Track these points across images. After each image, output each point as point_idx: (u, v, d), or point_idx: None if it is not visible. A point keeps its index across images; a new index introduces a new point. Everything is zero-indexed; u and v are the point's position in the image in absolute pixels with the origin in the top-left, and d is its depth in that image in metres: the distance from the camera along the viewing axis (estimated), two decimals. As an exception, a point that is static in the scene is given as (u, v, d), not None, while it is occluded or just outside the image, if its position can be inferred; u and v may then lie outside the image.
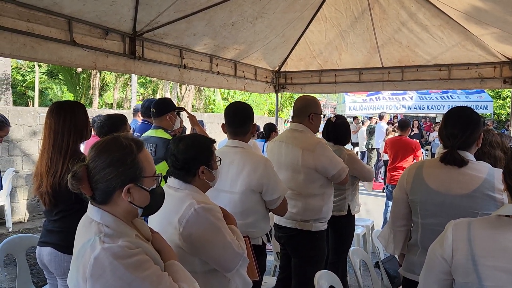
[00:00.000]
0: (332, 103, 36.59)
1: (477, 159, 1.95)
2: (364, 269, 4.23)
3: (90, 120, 2.39)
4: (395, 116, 14.99)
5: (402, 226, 2.15)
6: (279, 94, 6.98)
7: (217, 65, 5.03)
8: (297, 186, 2.76)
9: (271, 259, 4.27)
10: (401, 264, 2.20)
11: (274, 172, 2.41)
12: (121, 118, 2.92)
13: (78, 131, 2.23)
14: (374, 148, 11.40)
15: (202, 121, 6.45)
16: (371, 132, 11.61)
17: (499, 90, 13.52)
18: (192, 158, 1.82)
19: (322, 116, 2.98)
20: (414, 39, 5.11)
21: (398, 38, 5.19)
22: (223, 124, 2.55)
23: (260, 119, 15.93)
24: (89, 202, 1.38)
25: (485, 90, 13.28)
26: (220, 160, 1.97)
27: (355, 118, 15.83)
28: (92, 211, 1.35)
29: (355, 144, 14.04)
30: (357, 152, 13.47)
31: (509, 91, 5.53)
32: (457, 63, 5.37)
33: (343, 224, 3.53)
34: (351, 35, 5.37)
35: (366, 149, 12.23)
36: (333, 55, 5.85)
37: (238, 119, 2.51)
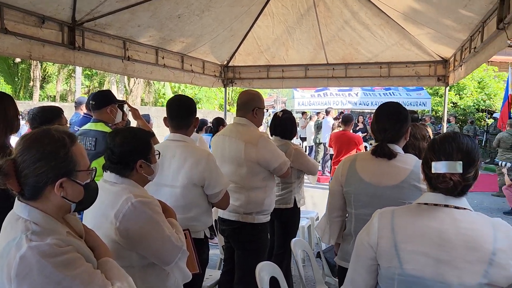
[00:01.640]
0: (283, 99, 37.09)
1: (403, 151, 2.08)
2: (308, 259, 4.36)
3: (21, 112, 2.28)
4: (341, 111, 15.47)
5: (337, 217, 2.25)
6: (228, 89, 6.99)
7: (163, 58, 4.94)
8: (240, 179, 2.80)
9: (218, 253, 4.29)
10: (337, 253, 2.30)
11: (216, 166, 2.42)
12: (55, 110, 2.80)
13: (8, 123, 2.13)
14: (321, 143, 11.71)
15: (148, 115, 6.32)
16: (318, 127, 11.91)
17: (437, 88, 14.35)
18: (129, 151, 1.79)
19: (265, 110, 3.03)
20: (356, 37, 5.30)
21: (342, 36, 5.36)
22: (165, 117, 2.52)
23: (211, 114, 15.85)
24: (16, 198, 1.32)
25: (424, 88, 14.04)
26: (159, 153, 1.95)
27: (303, 113, 16.15)
28: (19, 208, 1.29)
29: (304, 139, 14.35)
30: (305, 147, 13.80)
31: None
32: (396, 61, 5.65)
33: (289, 216, 3.62)
34: (297, 32, 5.47)
35: (314, 144, 12.54)
36: (280, 50, 5.95)
37: (181, 112, 2.49)
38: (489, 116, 17.49)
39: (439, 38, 4.62)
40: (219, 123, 5.70)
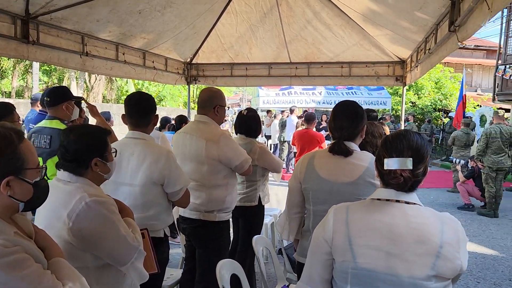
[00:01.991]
0: (248, 97, 37.20)
1: (361, 148, 2.13)
2: (270, 256, 4.41)
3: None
4: (305, 110, 15.69)
5: (296, 214, 2.28)
6: (192, 86, 6.93)
7: (124, 54, 4.83)
8: (201, 177, 2.78)
9: (180, 252, 4.25)
10: (296, 249, 2.34)
11: (176, 163, 2.40)
12: (7, 106, 2.68)
13: None
14: (285, 141, 11.82)
15: (108, 112, 6.17)
16: (282, 125, 12.02)
17: (397, 87, 14.80)
18: (84, 149, 1.74)
19: (227, 108, 3.03)
20: (318, 37, 5.38)
21: (304, 35, 5.42)
22: (123, 115, 2.47)
23: (175, 111, 15.67)
24: None
25: (384, 87, 14.45)
26: (116, 151, 1.91)
27: (268, 111, 16.26)
28: None
29: (269, 137, 14.45)
30: (270, 145, 13.89)
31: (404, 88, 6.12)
32: (357, 61, 5.78)
33: (253, 214, 3.64)
34: (260, 30, 5.49)
35: (278, 142, 12.65)
36: (244, 49, 5.95)
37: (140, 109, 2.45)
38: (445, 115, 18.24)
39: (396, 39, 4.77)
40: (181, 121, 5.63)
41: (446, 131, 15.24)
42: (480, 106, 17.96)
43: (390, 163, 1.43)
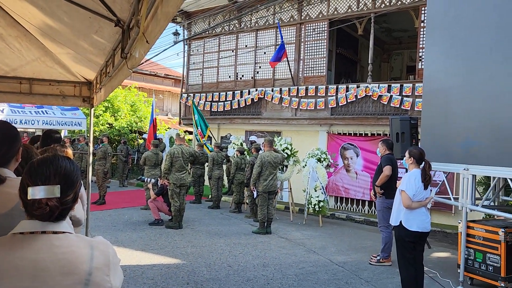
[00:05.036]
0: None
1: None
2: None
3: None
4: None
5: None
6: None
7: None
8: None
9: None
10: None
11: None
12: None
13: None
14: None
15: None
16: None
17: (94, 108, 14.59)
18: None
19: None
20: (-11, 46, 4.63)
21: (-31, 42, 4.56)
22: None
23: None
24: None
25: (79, 108, 13.96)
26: None
27: None
28: None
29: None
30: None
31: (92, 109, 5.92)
32: (39, 78, 5.31)
33: None
34: None
35: None
36: None
37: None
38: (140, 136, 19.33)
39: (80, 59, 4.65)
40: None
41: (141, 151, 16.10)
42: (170, 128, 19.99)
43: (35, 192, 1.31)
